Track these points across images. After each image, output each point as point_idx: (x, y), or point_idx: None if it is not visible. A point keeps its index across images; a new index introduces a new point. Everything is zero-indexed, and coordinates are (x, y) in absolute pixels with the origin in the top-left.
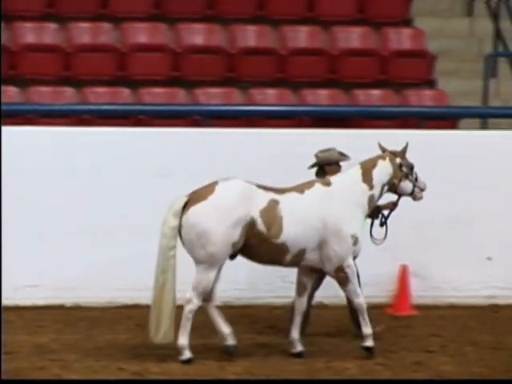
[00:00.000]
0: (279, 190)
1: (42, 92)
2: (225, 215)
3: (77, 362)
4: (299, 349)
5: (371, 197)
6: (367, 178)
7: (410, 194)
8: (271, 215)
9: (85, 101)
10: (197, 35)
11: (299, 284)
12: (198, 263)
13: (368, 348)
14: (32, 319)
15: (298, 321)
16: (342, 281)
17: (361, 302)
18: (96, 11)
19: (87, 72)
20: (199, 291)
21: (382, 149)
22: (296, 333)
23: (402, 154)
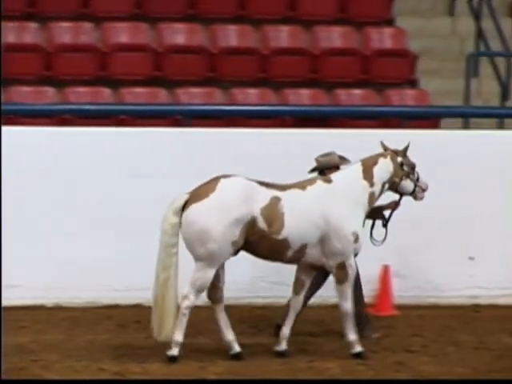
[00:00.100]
0: (281, 187)
1: (23, 92)
2: (226, 214)
3: (58, 363)
4: (284, 347)
5: (372, 194)
6: (368, 176)
7: (411, 194)
8: (272, 212)
9: (66, 101)
10: (178, 35)
11: (297, 281)
12: (198, 260)
13: (358, 354)
14: (13, 319)
15: (292, 319)
16: (340, 278)
17: (348, 307)
18: (77, 11)
19: (68, 72)
20: (196, 288)
21: (384, 147)
22: (287, 330)
23: (404, 153)
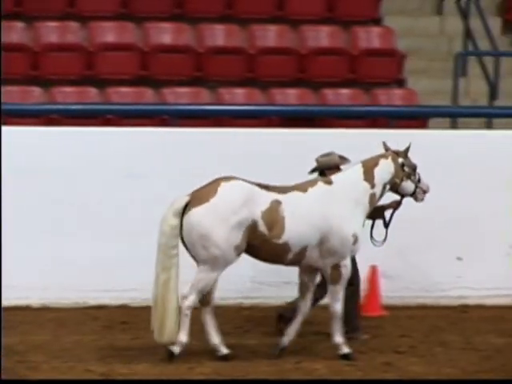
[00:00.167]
0: (281, 189)
1: (10, 92)
2: (227, 218)
3: (44, 364)
4: (285, 344)
5: (372, 195)
6: (369, 177)
7: (412, 195)
8: (273, 216)
9: (52, 100)
10: (165, 34)
11: (302, 285)
12: (201, 263)
13: (346, 355)
14: None
15: (299, 322)
16: (334, 279)
17: (338, 309)
18: (63, 10)
19: (55, 71)
20: (198, 289)
21: (385, 148)
22: (293, 332)
23: (405, 154)
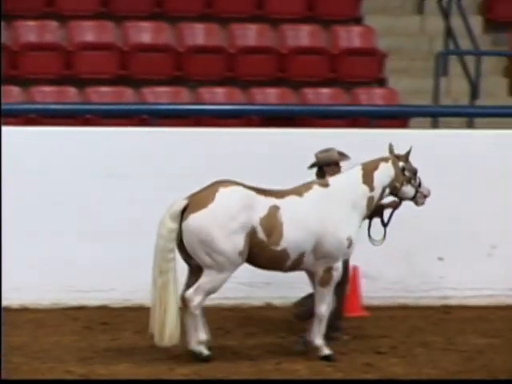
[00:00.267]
0: (278, 194)
1: None
2: (226, 225)
3: (24, 365)
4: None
5: (371, 199)
6: (368, 180)
7: (412, 199)
8: (271, 222)
9: (31, 100)
10: (144, 33)
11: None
12: (207, 268)
13: (326, 357)
14: None
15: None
16: (324, 281)
17: (323, 311)
18: (42, 9)
19: (33, 71)
20: (205, 291)
21: (391, 150)
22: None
23: (406, 158)
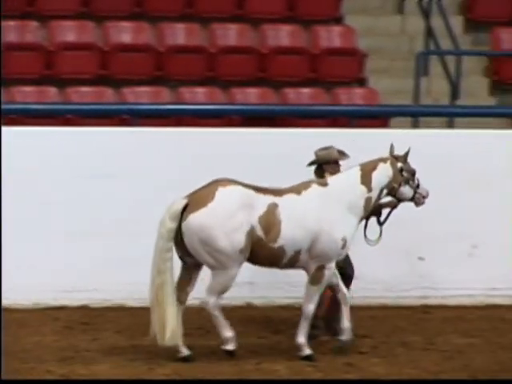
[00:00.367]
0: (277, 192)
1: None
2: (225, 224)
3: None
4: (347, 337)
5: (368, 199)
6: (366, 180)
7: (411, 200)
8: (270, 220)
9: (11, 100)
10: (125, 33)
11: (328, 284)
12: (212, 269)
13: (307, 357)
14: None
15: (347, 311)
16: (315, 280)
17: (311, 310)
18: (23, 9)
19: (13, 71)
20: (217, 291)
21: (391, 150)
22: (347, 323)
23: (404, 159)
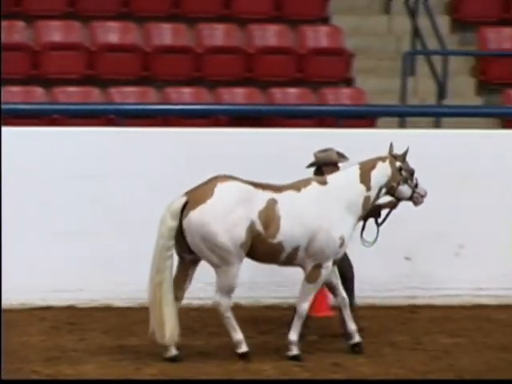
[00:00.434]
0: (276, 188)
1: None
2: (225, 219)
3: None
4: (357, 340)
5: (367, 198)
6: (365, 179)
7: (409, 199)
8: (269, 215)
9: None
10: (111, 33)
11: (328, 285)
12: (215, 266)
13: (294, 357)
14: None
15: (349, 315)
16: (312, 278)
17: (305, 308)
18: (9, 9)
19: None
20: (225, 291)
21: (391, 149)
22: (352, 325)
23: (403, 158)
